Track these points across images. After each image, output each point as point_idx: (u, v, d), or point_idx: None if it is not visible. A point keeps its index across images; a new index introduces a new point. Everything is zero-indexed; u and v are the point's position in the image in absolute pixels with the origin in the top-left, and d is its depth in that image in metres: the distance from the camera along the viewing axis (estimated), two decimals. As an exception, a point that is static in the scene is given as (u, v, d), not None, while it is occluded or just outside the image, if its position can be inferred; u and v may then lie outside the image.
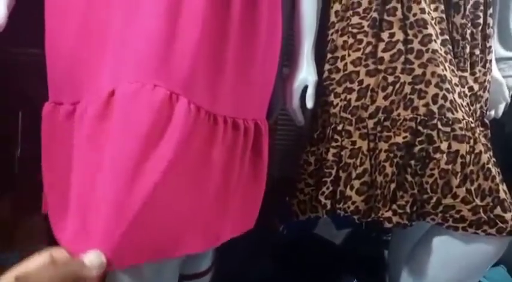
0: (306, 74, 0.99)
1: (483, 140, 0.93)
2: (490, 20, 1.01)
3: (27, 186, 1.62)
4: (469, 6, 0.96)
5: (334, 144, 0.98)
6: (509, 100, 1.13)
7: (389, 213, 0.92)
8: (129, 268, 0.75)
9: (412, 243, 1.05)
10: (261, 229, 0.92)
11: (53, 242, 1.38)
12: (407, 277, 1.01)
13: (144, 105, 0.70)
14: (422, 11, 0.92)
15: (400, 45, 0.92)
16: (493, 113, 1.11)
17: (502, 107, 1.12)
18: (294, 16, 1.00)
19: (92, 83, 0.77)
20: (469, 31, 0.97)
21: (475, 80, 0.99)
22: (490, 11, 1.01)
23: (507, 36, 1.15)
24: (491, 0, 1.02)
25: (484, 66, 1.01)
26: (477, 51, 0.99)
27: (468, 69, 0.98)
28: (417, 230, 0.99)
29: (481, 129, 1.01)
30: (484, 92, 1.02)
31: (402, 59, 0.92)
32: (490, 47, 1.03)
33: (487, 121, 1.04)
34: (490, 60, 1.03)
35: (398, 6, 0.93)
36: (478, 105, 1.01)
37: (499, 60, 1.12)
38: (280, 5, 0.90)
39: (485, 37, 1.01)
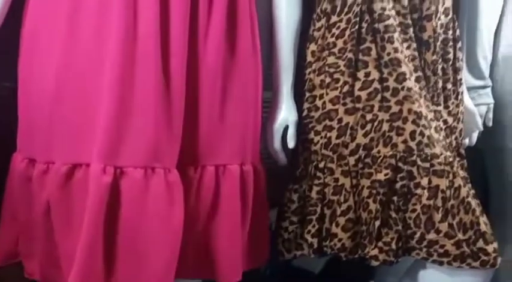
0: (286, 114, 1.00)
1: (461, 173, 0.95)
2: (459, 54, 1.05)
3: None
4: (438, 43, 1.00)
5: (317, 181, 0.99)
6: (481, 128, 1.16)
7: (375, 251, 0.92)
8: None
9: (398, 274, 1.06)
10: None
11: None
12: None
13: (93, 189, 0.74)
14: (396, 50, 0.94)
15: (376, 84, 0.95)
16: (467, 141, 1.14)
17: (475, 135, 1.16)
18: (272, 57, 1.01)
19: (70, 144, 0.77)
20: (440, 66, 1.01)
21: (449, 113, 1.02)
22: (459, 45, 1.05)
23: (475, 66, 1.19)
24: (459, 35, 1.05)
25: (456, 99, 1.04)
26: (449, 85, 1.02)
27: (442, 103, 1.01)
28: (403, 262, 1.00)
29: (458, 159, 1.03)
30: (458, 123, 1.05)
31: (379, 97, 0.94)
32: (461, 79, 1.06)
33: (463, 151, 1.07)
34: (462, 92, 1.06)
35: (373, 46, 0.95)
36: (453, 137, 1.04)
37: (469, 89, 1.16)
38: (258, 48, 0.92)
39: (456, 70, 1.04)
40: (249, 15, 0.88)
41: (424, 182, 0.91)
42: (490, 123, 1.20)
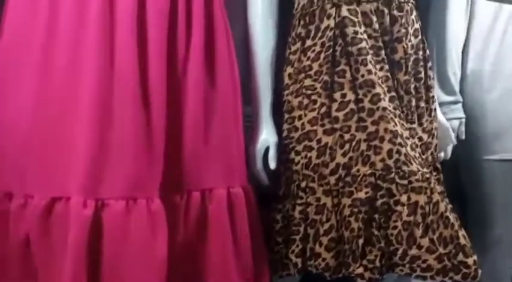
0: (267, 135, 1.02)
1: (438, 188, 0.98)
2: (430, 73, 1.09)
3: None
4: (410, 63, 1.03)
5: (299, 201, 1.00)
6: (455, 142, 1.20)
7: (360, 270, 0.94)
8: None
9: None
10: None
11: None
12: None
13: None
14: (369, 72, 0.97)
15: (352, 105, 0.97)
16: (442, 154, 1.18)
17: (450, 149, 1.20)
18: (250, 80, 1.03)
19: (48, 177, 0.76)
20: (412, 86, 1.04)
21: (423, 130, 1.05)
22: (429, 64, 1.09)
23: (446, 82, 1.24)
24: (429, 54, 1.09)
25: (430, 115, 1.08)
26: (422, 103, 1.06)
27: (416, 121, 1.04)
28: (386, 278, 1.02)
29: (435, 174, 1.06)
30: (432, 138, 1.08)
31: (355, 117, 0.97)
32: (433, 96, 1.10)
33: (439, 165, 1.10)
34: (435, 109, 1.10)
35: (347, 68, 0.98)
36: (429, 152, 1.07)
37: (441, 104, 1.20)
38: (236, 70, 0.93)
39: (428, 88, 1.08)
40: (226, 44, 0.89)
41: (404, 198, 0.93)
42: (463, 136, 1.24)
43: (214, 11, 0.88)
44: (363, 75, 0.97)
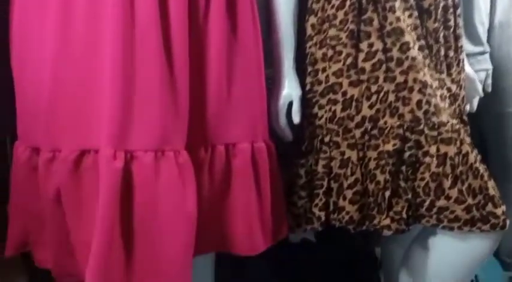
0: (290, 89, 0.99)
1: (468, 139, 0.96)
2: (459, 21, 1.05)
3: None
4: (439, 11, 0.99)
5: (322, 155, 0.99)
6: (482, 94, 1.17)
7: (387, 221, 0.93)
8: None
9: (405, 243, 1.08)
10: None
11: (30, 273, 1.34)
12: (406, 278, 1.04)
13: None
14: (398, 19, 0.93)
15: (380, 55, 0.94)
16: (468, 107, 1.15)
17: (476, 101, 1.17)
18: (271, 32, 1.00)
19: (75, 130, 0.75)
20: (442, 34, 1.00)
21: (452, 81, 1.02)
22: (459, 11, 1.05)
23: (473, 32, 1.19)
24: (458, 1, 1.05)
25: (458, 66, 1.04)
26: (451, 53, 1.02)
27: (445, 71, 1.01)
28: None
29: (462, 126, 1.04)
30: (460, 90, 1.05)
31: (383, 68, 0.93)
32: (462, 46, 1.06)
33: (465, 117, 1.08)
34: (463, 59, 1.06)
35: (374, 16, 0.94)
36: (457, 104, 1.04)
37: (468, 55, 1.15)
38: (258, 24, 0.90)
39: (457, 38, 1.04)
40: None
41: (433, 150, 0.91)
42: (489, 89, 1.21)
43: None
44: (391, 23, 0.93)
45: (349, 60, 0.95)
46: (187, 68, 0.79)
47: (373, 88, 0.94)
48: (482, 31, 1.19)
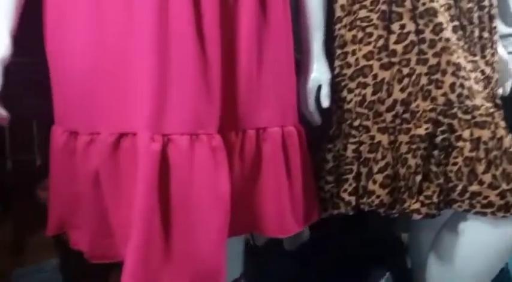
0: (319, 73, 0.98)
1: (502, 123, 0.94)
2: (493, 1, 1.01)
3: (25, 201, 1.60)
4: None
5: (352, 140, 0.98)
6: None
7: (417, 205, 0.92)
8: None
9: (434, 228, 1.06)
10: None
11: (61, 254, 1.37)
12: (435, 263, 1.03)
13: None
14: None
15: (412, 36, 0.92)
16: (500, 90, 1.12)
17: (508, 85, 1.13)
18: (300, 14, 0.98)
19: (113, 114, 0.76)
20: (476, 15, 0.97)
21: (486, 63, 0.99)
22: None
23: (507, 13, 1.15)
24: None
25: (492, 48, 1.01)
26: (485, 34, 0.99)
27: (479, 53, 0.98)
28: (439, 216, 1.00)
29: (496, 110, 1.02)
30: (493, 72, 1.02)
31: (416, 49, 0.91)
32: (495, 27, 1.03)
33: (499, 101, 1.05)
34: (496, 41, 1.03)
35: None
36: (490, 87, 1.01)
37: (500, 37, 1.12)
38: (288, 8, 0.89)
39: (491, 18, 1.01)
40: None
41: (466, 134, 0.89)
42: None
43: None
44: (424, 3, 0.91)
45: (380, 42, 0.93)
46: (219, 52, 0.79)
47: (405, 71, 0.92)
48: None
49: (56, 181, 0.86)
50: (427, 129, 0.91)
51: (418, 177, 0.92)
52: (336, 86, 0.99)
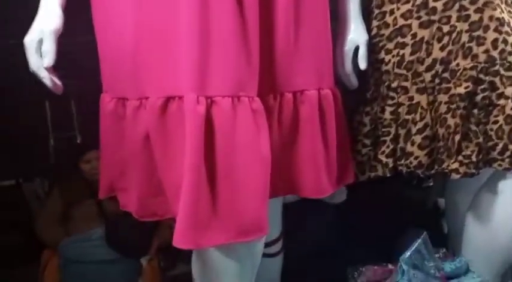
0: (356, 34, 0.97)
1: None
2: None
3: (69, 174, 1.68)
4: None
5: (390, 102, 0.98)
6: None
7: (455, 165, 0.92)
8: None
9: (470, 191, 1.05)
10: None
11: (108, 222, 1.44)
12: (472, 225, 1.02)
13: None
14: None
15: None
16: None
17: None
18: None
19: (160, 77, 0.78)
20: None
21: None
22: None
23: None
24: None
25: None
26: None
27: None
28: (475, 180, 0.99)
29: None
30: None
31: (456, 6, 0.90)
32: None
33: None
34: None
35: None
36: None
37: None
38: None
39: None
40: None
41: (508, 91, 0.88)
42: None
43: None
44: None
45: (418, 0, 0.92)
46: (257, 16, 0.80)
47: (445, 29, 0.91)
48: None
49: (106, 146, 0.90)
50: (467, 87, 0.90)
51: (457, 137, 0.91)
52: (373, 47, 0.99)
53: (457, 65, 0.91)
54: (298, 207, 1.20)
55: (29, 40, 0.82)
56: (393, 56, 0.96)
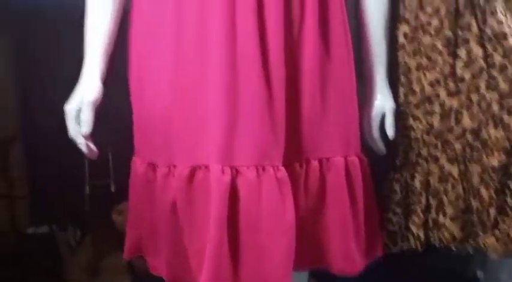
0: (382, 101, 0.96)
1: None
2: None
3: (102, 224, 1.70)
4: None
5: (419, 170, 0.95)
6: None
7: (492, 240, 0.87)
8: None
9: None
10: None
11: (136, 278, 1.43)
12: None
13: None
14: (500, 22, 0.87)
15: (480, 61, 0.88)
16: None
17: None
18: (363, 43, 0.97)
19: (188, 147, 0.80)
20: None
21: None
22: None
23: None
24: None
25: None
26: None
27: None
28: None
29: None
30: None
31: (485, 75, 0.87)
32: None
33: None
34: None
35: (473, 20, 0.88)
36: None
37: None
38: (349, 39, 0.89)
39: None
40: (340, 8, 0.87)
41: (545, 164, 0.83)
42: None
43: None
44: (492, 27, 0.87)
45: (446, 69, 0.90)
46: (283, 86, 0.81)
47: (474, 98, 0.88)
48: None
49: (135, 207, 0.91)
50: (500, 159, 0.86)
51: (492, 211, 0.87)
52: (401, 114, 0.97)
53: (488, 135, 0.88)
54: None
55: (69, 108, 0.86)
56: (422, 124, 0.94)
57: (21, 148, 1.76)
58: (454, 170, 0.91)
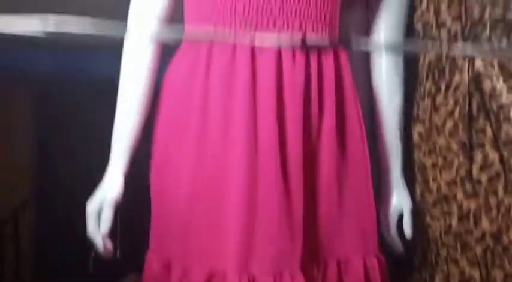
0: (399, 200, 0.96)
1: None
2: None
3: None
4: None
5: (439, 271, 0.92)
6: None
7: None
8: None
9: None
10: None
11: None
12: None
13: None
14: None
15: (496, 165, 0.88)
16: None
17: None
18: (378, 143, 0.99)
19: (205, 251, 0.80)
20: None
21: None
22: None
23: None
24: None
25: None
26: None
27: None
28: None
29: None
30: None
31: (502, 179, 0.87)
32: None
33: None
34: None
35: (487, 125, 0.89)
36: None
37: None
38: (365, 139, 0.91)
39: None
40: (355, 108, 0.89)
41: None
42: None
43: (344, 83, 0.88)
44: (507, 132, 0.87)
45: (462, 171, 0.90)
46: (301, 191, 0.83)
47: (493, 201, 0.87)
48: None
49: None
50: (524, 267, 0.83)
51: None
52: (418, 213, 0.96)
53: (510, 240, 0.85)
54: None
55: (90, 209, 0.87)
56: (439, 223, 0.92)
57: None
58: (476, 274, 0.88)
